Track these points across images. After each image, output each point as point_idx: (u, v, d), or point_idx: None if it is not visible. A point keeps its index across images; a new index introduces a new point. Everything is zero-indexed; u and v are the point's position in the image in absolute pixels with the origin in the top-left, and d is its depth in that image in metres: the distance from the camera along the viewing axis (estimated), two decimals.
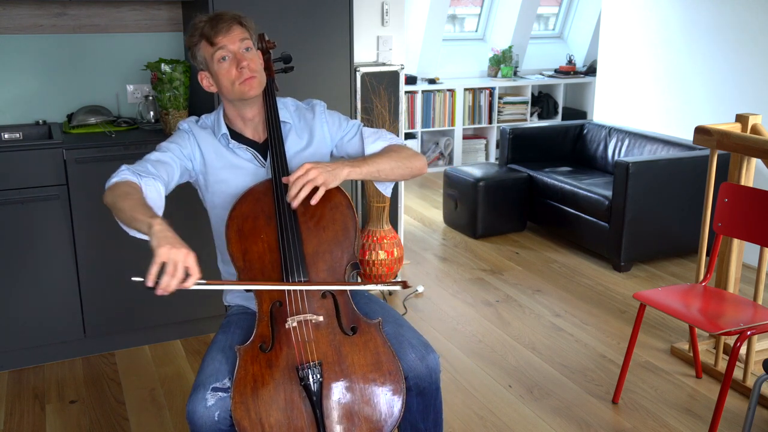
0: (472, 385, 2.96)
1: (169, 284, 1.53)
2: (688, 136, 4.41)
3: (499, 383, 2.98)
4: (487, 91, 6.69)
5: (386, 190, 2.08)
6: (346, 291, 1.82)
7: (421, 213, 5.42)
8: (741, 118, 2.99)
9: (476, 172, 4.83)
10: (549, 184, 4.68)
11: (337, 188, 1.90)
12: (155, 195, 1.85)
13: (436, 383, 1.87)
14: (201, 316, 3.32)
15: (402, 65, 3.92)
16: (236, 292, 2.09)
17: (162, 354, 3.22)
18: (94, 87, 3.41)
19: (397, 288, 1.79)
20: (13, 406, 2.81)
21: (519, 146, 5.13)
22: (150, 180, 1.85)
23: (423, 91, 6.36)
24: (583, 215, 4.40)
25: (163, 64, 3.06)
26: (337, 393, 1.71)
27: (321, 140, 2.08)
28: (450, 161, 6.71)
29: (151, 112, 3.35)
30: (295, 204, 1.81)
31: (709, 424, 2.58)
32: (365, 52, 4.06)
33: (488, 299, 3.82)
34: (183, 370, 3.07)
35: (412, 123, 6.39)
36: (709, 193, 2.99)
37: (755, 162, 2.99)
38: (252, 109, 2.00)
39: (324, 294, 1.81)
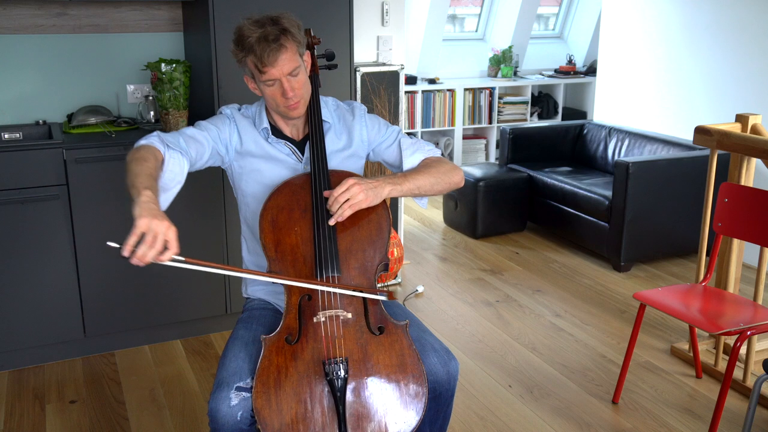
0: (472, 385, 2.96)
1: (145, 254, 1.50)
2: (688, 136, 4.42)
3: (499, 383, 2.98)
4: (487, 91, 6.68)
5: (423, 203, 2.07)
6: (377, 291, 1.82)
7: (421, 213, 5.42)
8: (741, 118, 2.99)
9: (476, 172, 4.83)
10: (549, 184, 4.68)
11: None
12: (177, 169, 1.84)
13: (452, 390, 1.88)
14: (201, 316, 3.32)
15: (402, 65, 3.92)
16: (260, 284, 2.09)
17: (162, 354, 3.22)
18: (94, 87, 3.41)
19: (383, 298, 1.81)
20: (13, 406, 2.81)
21: (519, 146, 5.14)
22: (176, 153, 1.85)
23: (423, 91, 6.35)
24: (583, 215, 4.40)
25: (163, 64, 3.06)
26: (361, 391, 1.72)
27: (359, 143, 2.08)
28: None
29: (151, 112, 3.35)
30: (333, 221, 1.81)
31: (709, 424, 2.58)
32: (365, 52, 4.06)
33: (488, 299, 3.82)
34: (183, 370, 3.07)
35: (412, 123, 6.38)
36: (709, 193, 2.99)
37: (755, 162, 2.99)
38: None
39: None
